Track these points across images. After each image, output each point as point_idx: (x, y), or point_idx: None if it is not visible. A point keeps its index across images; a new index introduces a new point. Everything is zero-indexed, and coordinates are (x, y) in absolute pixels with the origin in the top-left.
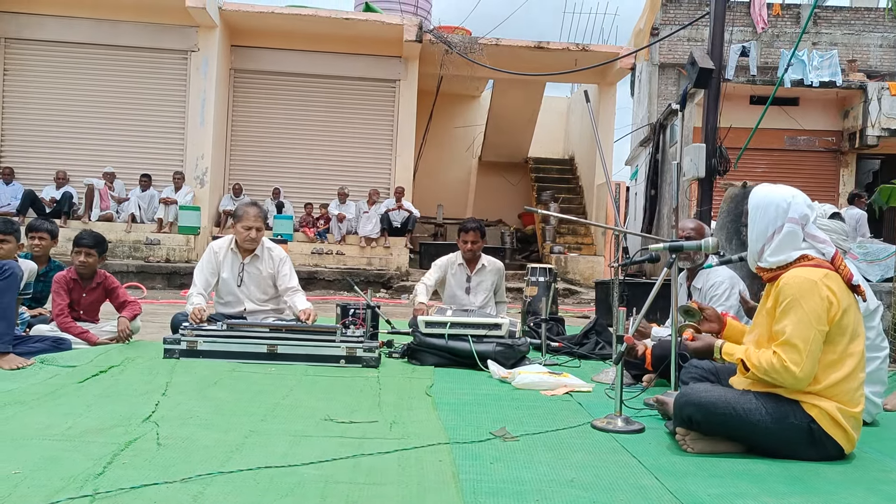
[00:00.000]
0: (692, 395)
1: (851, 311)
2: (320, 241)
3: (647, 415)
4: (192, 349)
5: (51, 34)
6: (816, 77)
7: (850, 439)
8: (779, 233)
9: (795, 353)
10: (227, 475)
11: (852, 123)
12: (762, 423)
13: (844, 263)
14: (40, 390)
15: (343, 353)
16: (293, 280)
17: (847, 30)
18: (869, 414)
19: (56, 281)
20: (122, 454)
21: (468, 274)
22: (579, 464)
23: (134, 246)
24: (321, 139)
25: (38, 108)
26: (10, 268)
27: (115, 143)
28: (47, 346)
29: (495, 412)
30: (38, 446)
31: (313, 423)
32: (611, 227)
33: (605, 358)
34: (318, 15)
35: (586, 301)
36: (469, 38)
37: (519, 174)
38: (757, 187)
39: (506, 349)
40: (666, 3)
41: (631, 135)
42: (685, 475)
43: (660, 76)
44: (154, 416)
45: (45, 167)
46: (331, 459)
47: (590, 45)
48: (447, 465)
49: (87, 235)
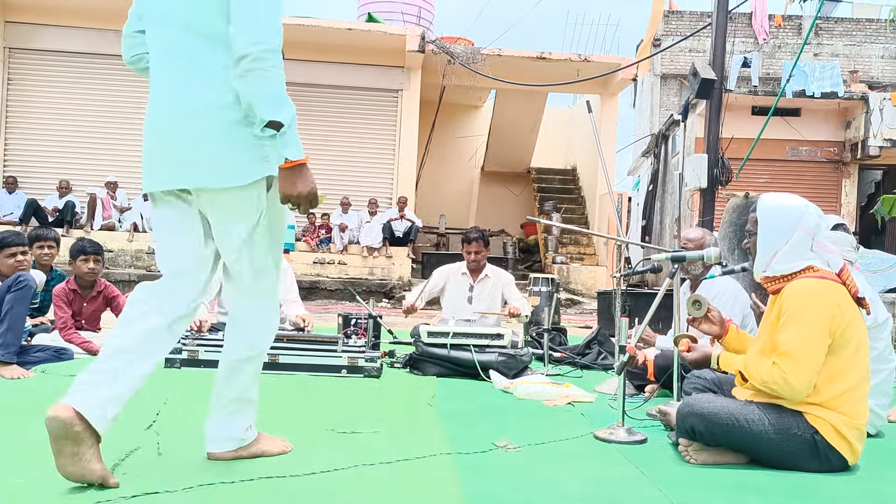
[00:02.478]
0: (695, 405)
1: (856, 323)
2: (322, 250)
3: (649, 425)
4: (193, 358)
5: (54, 44)
6: (818, 88)
7: (854, 451)
8: (791, 241)
9: (794, 364)
10: (229, 485)
11: (854, 134)
12: (765, 434)
13: (851, 277)
14: (42, 399)
15: (345, 363)
16: (293, 291)
17: (849, 41)
18: (873, 426)
19: (56, 294)
20: (122, 464)
21: (471, 283)
22: (582, 474)
23: (136, 255)
24: (324, 148)
25: (41, 118)
26: (24, 279)
27: (118, 152)
28: (49, 356)
29: (498, 422)
30: (40, 456)
31: (315, 433)
32: (613, 237)
33: (607, 368)
34: (320, 25)
35: (588, 311)
36: (471, 49)
37: (521, 184)
38: (764, 196)
39: (508, 359)
40: (668, 14)
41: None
42: (688, 486)
43: (662, 87)
44: (155, 425)
45: (48, 176)
46: (333, 470)
47: (592, 56)
48: (449, 475)
49: (90, 243)
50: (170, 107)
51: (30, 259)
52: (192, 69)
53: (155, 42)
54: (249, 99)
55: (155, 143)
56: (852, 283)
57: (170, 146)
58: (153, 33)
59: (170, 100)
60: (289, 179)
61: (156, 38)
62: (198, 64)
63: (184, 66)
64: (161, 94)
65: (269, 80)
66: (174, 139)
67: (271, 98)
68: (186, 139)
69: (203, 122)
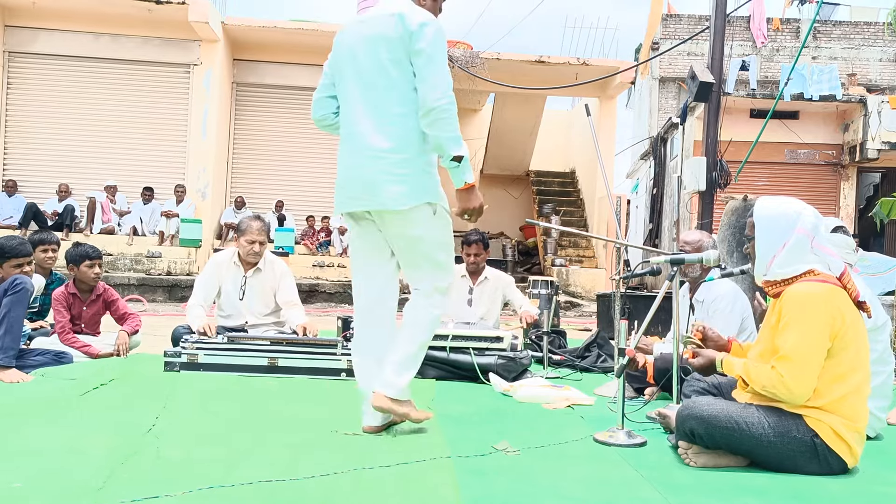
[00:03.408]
0: (694, 408)
1: (856, 327)
2: (322, 253)
3: (649, 428)
4: (192, 362)
5: (55, 48)
6: (816, 91)
7: (853, 454)
8: (789, 244)
9: (793, 367)
10: (228, 489)
11: (852, 137)
12: (764, 437)
13: (852, 281)
14: (41, 403)
15: (344, 365)
16: (293, 294)
17: (847, 44)
18: (873, 428)
19: (55, 298)
20: (122, 467)
21: (470, 286)
22: (581, 477)
23: (135, 259)
24: (323, 152)
25: (41, 121)
26: (21, 282)
27: (118, 155)
28: (48, 360)
29: (497, 425)
30: (39, 459)
31: (314, 437)
32: (612, 239)
33: (606, 371)
34: (320, 29)
35: (588, 314)
36: (470, 53)
37: (520, 187)
38: (760, 200)
39: (508, 362)
40: (666, 17)
41: (632, 148)
42: (687, 489)
43: (660, 90)
44: (154, 429)
45: (47, 180)
46: (332, 473)
47: (590, 60)
48: (449, 479)
49: (92, 248)
50: (362, 151)
51: (33, 267)
52: (379, 118)
53: (347, 101)
54: (440, 141)
55: (349, 176)
56: (853, 286)
57: (362, 179)
58: (345, 93)
59: (361, 146)
60: (465, 197)
61: (347, 98)
62: (385, 116)
63: (371, 117)
64: (354, 141)
65: (453, 125)
66: (365, 175)
67: (455, 138)
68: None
69: (389, 162)
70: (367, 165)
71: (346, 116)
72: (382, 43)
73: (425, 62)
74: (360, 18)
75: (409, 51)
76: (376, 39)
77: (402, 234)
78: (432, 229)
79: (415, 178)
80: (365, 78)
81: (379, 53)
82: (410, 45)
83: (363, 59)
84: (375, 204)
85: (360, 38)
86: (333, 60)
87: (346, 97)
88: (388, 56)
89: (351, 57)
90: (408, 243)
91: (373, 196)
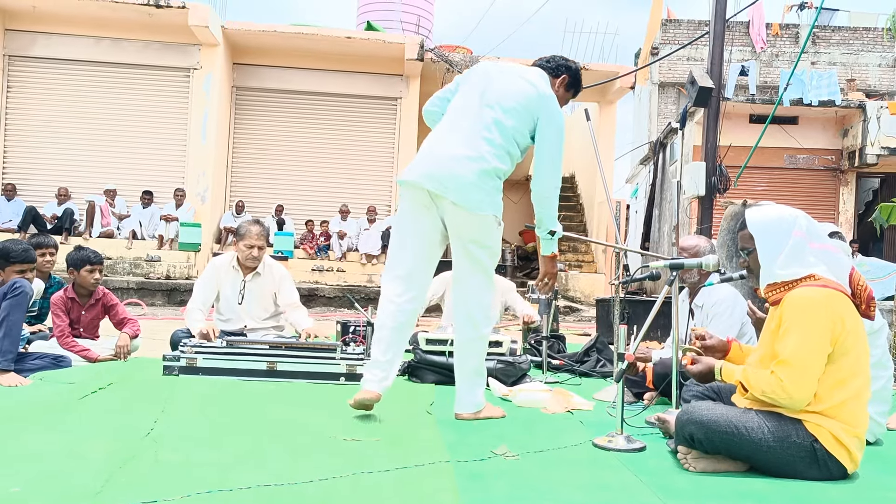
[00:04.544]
0: (694, 413)
1: (857, 331)
2: (321, 258)
3: (648, 433)
4: (191, 366)
5: (55, 52)
6: (815, 96)
7: (853, 459)
8: (788, 247)
9: (793, 372)
10: (227, 493)
11: (852, 142)
12: (764, 442)
13: (863, 278)
14: (39, 407)
15: (343, 370)
16: (294, 296)
17: (846, 49)
18: (872, 434)
19: (54, 303)
20: (120, 471)
21: None
22: (580, 482)
23: (134, 262)
24: (322, 156)
25: (41, 125)
26: (20, 286)
27: (117, 159)
28: (47, 364)
29: (496, 430)
30: (38, 463)
31: (313, 441)
32: (612, 244)
33: (606, 376)
34: (320, 34)
35: (587, 318)
36: (470, 57)
37: (520, 192)
38: (750, 212)
39: (507, 366)
40: (666, 22)
41: (631, 153)
42: (687, 494)
43: (660, 95)
44: (153, 433)
45: (46, 183)
46: (331, 478)
47: (590, 64)
48: (448, 483)
49: (93, 253)
50: (466, 143)
51: (34, 274)
52: (486, 133)
53: (465, 97)
54: (543, 216)
55: (442, 156)
56: (864, 282)
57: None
58: (466, 93)
59: (466, 140)
60: (550, 264)
61: (465, 97)
62: (491, 136)
63: (481, 126)
64: (461, 133)
65: (554, 206)
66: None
67: (555, 217)
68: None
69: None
70: (464, 161)
71: (457, 110)
72: (516, 94)
73: (553, 147)
74: (500, 68)
75: (535, 119)
76: (515, 80)
77: (467, 231)
78: (491, 237)
79: (493, 194)
80: (487, 97)
81: (510, 90)
82: (541, 116)
83: (497, 80)
84: (459, 197)
85: (499, 69)
86: (467, 75)
87: (465, 94)
88: (515, 105)
89: (485, 74)
90: (469, 239)
91: (458, 189)
